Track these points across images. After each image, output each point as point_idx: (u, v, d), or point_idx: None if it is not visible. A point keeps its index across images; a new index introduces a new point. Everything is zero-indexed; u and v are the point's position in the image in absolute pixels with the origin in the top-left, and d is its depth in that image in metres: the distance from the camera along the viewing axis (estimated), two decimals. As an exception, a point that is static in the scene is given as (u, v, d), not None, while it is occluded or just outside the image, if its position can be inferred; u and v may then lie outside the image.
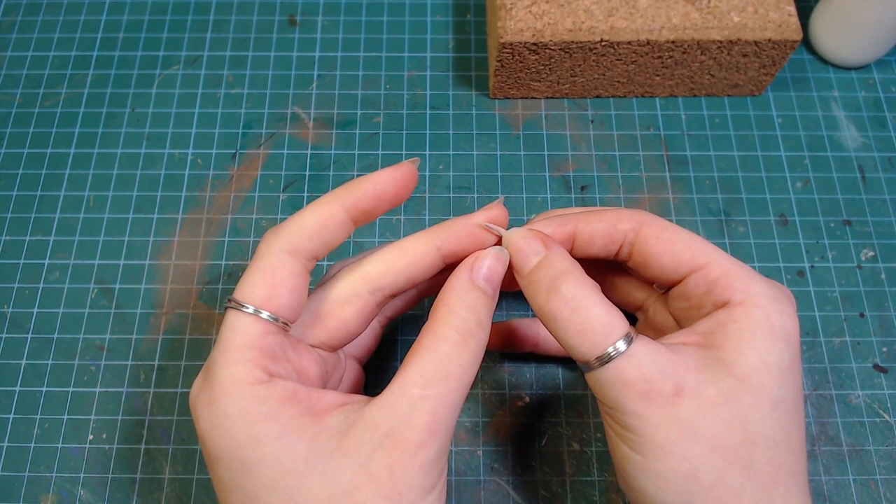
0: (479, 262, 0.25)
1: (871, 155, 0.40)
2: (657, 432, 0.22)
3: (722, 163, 0.39)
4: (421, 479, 0.21)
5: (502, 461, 0.33)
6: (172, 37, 0.43)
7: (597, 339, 0.23)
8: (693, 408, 0.22)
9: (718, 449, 0.22)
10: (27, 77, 0.41)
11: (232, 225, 0.38)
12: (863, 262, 0.37)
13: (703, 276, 0.25)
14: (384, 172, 0.25)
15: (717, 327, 0.24)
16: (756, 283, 0.24)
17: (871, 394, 0.34)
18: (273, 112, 0.41)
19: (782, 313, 0.23)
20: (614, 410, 0.23)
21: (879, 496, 0.32)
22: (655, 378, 0.22)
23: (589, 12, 0.36)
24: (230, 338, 0.22)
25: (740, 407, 0.22)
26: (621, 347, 0.22)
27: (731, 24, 0.36)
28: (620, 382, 0.22)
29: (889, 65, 0.42)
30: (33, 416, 0.33)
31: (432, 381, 0.22)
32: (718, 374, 0.22)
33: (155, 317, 0.35)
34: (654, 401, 0.22)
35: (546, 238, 0.25)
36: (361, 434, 0.21)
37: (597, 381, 0.23)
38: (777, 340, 0.23)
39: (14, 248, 0.37)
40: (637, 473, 0.23)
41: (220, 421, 0.22)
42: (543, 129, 0.40)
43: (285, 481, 0.21)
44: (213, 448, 0.22)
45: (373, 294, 0.26)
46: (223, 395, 0.22)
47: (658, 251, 0.25)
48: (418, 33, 0.43)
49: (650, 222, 0.26)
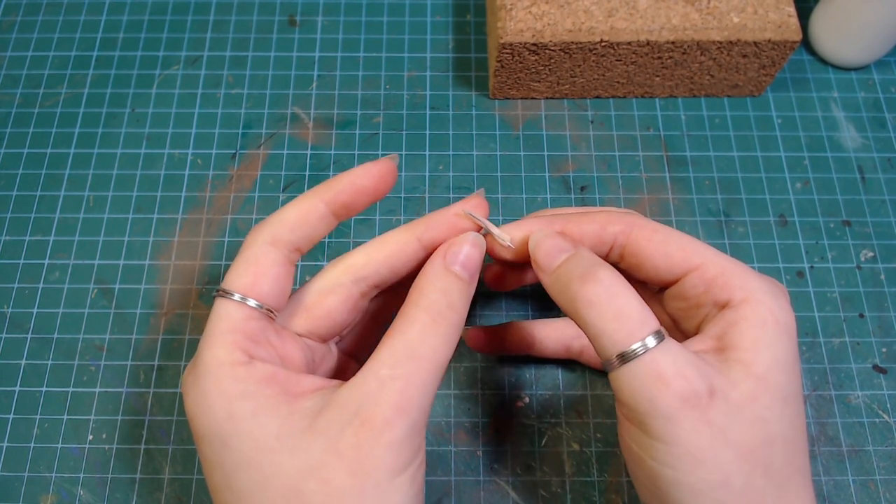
0: (454, 247, 0.25)
1: (871, 155, 0.40)
2: (691, 439, 0.21)
3: (721, 163, 0.39)
4: (390, 459, 0.21)
5: (502, 461, 0.33)
6: (172, 37, 0.43)
7: (633, 326, 0.22)
8: (723, 411, 0.21)
9: (745, 453, 0.21)
10: (27, 77, 0.41)
11: (232, 225, 0.38)
12: (862, 262, 0.37)
13: (700, 276, 0.25)
14: (362, 168, 0.25)
15: (728, 327, 0.23)
16: (753, 280, 0.24)
17: (871, 394, 0.34)
18: (273, 112, 0.41)
19: (782, 308, 0.23)
20: (644, 415, 0.22)
21: (879, 497, 0.32)
22: (692, 376, 0.21)
23: (589, 13, 0.36)
24: (215, 323, 0.23)
25: (761, 408, 0.22)
26: (650, 343, 0.22)
27: (731, 24, 0.36)
28: (655, 377, 0.21)
29: (889, 65, 0.42)
30: (33, 416, 0.33)
31: (401, 360, 0.22)
32: (740, 374, 0.22)
33: (155, 317, 0.36)
34: (690, 401, 0.21)
35: (573, 238, 0.25)
36: (332, 414, 0.22)
37: (628, 377, 0.22)
38: (782, 336, 0.23)
39: (14, 248, 0.37)
40: (669, 490, 0.22)
41: (201, 399, 0.22)
42: (543, 130, 0.40)
43: (258, 457, 0.21)
44: (196, 426, 0.23)
45: (356, 284, 0.26)
46: (206, 376, 0.22)
47: (651, 253, 0.25)
48: (418, 33, 0.43)
49: (641, 224, 0.26)
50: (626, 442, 0.24)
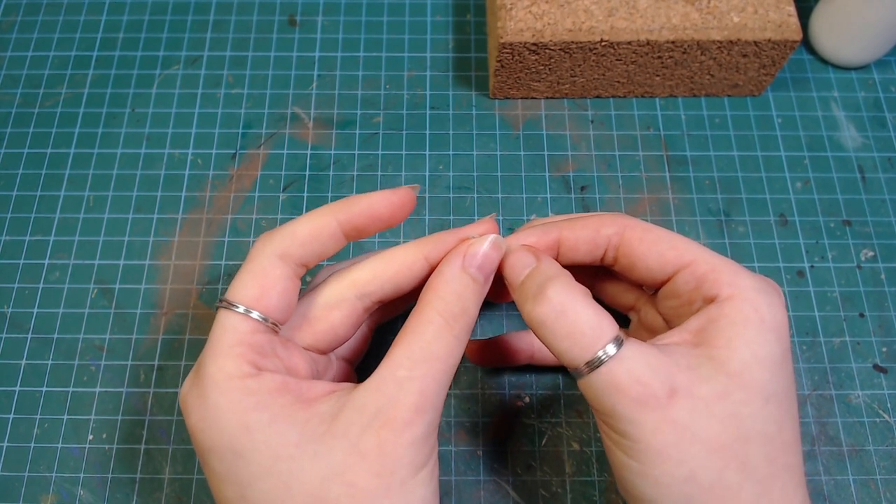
0: (473, 248, 0.25)
1: (871, 155, 0.40)
2: (653, 437, 0.22)
3: (722, 163, 0.39)
4: (411, 457, 0.22)
5: (502, 461, 0.33)
6: (172, 37, 0.43)
7: (586, 342, 0.22)
8: (687, 409, 0.22)
9: (715, 449, 0.22)
10: (27, 77, 0.41)
11: (232, 225, 0.38)
12: (862, 262, 0.37)
13: (691, 273, 0.25)
14: (382, 194, 0.25)
15: (708, 323, 0.24)
16: (743, 277, 0.24)
17: (871, 394, 0.34)
18: (273, 112, 0.41)
19: (771, 306, 0.23)
20: (609, 417, 0.23)
21: (879, 496, 0.32)
22: (648, 380, 0.22)
23: (589, 12, 0.36)
24: (220, 335, 0.23)
25: (733, 404, 0.22)
26: (611, 351, 0.22)
27: (731, 24, 0.36)
28: (613, 387, 0.22)
29: (889, 65, 0.42)
30: (33, 416, 0.33)
31: (418, 362, 0.23)
32: (710, 371, 0.22)
33: (155, 317, 0.35)
34: (648, 404, 0.22)
35: (536, 250, 0.26)
36: (350, 416, 0.22)
37: (589, 387, 0.23)
38: (767, 333, 0.23)
39: (14, 248, 0.37)
40: (636, 480, 0.23)
41: (210, 413, 0.22)
42: (543, 130, 0.40)
43: (278, 466, 0.21)
44: (203, 440, 0.22)
45: (360, 300, 0.26)
46: (213, 389, 0.22)
47: (643, 252, 0.26)
48: (418, 33, 0.43)
49: (633, 225, 0.26)
50: (602, 436, 0.25)
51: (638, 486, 0.23)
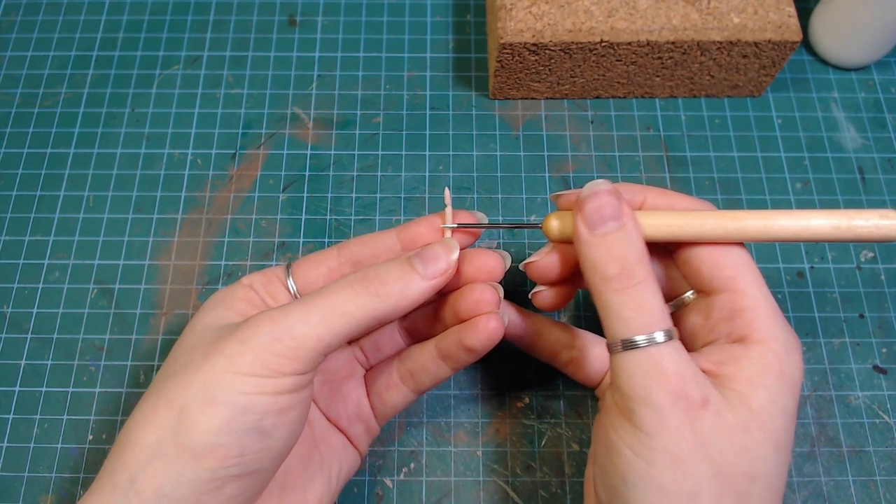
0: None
1: (871, 156, 0.40)
2: (673, 438, 0.22)
3: (722, 164, 0.39)
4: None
5: (502, 461, 0.33)
6: (172, 37, 0.43)
7: (651, 318, 0.22)
8: (714, 425, 0.22)
9: (722, 474, 0.22)
10: (27, 77, 0.41)
11: (232, 225, 0.38)
12: (862, 263, 0.37)
13: (731, 301, 0.24)
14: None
15: (730, 360, 0.24)
16: (778, 329, 0.24)
17: (871, 395, 0.34)
18: (273, 112, 0.41)
19: (794, 365, 0.24)
20: (635, 403, 0.22)
21: (879, 497, 0.32)
22: (689, 379, 0.22)
23: (589, 13, 0.36)
24: None
25: (751, 440, 0.22)
26: (659, 339, 0.22)
27: (731, 25, 0.36)
28: (656, 371, 0.22)
29: (889, 66, 0.42)
30: (33, 417, 0.33)
31: None
32: (736, 402, 0.23)
33: (154, 317, 0.35)
34: (681, 402, 0.22)
35: (630, 210, 0.24)
36: None
37: (629, 363, 0.22)
38: (785, 387, 0.23)
39: (14, 248, 0.37)
40: (638, 483, 0.22)
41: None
42: (543, 130, 0.40)
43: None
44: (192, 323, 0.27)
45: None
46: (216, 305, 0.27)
47: (705, 255, 0.25)
48: (418, 34, 0.43)
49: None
50: (605, 430, 0.24)
51: (639, 491, 0.22)
